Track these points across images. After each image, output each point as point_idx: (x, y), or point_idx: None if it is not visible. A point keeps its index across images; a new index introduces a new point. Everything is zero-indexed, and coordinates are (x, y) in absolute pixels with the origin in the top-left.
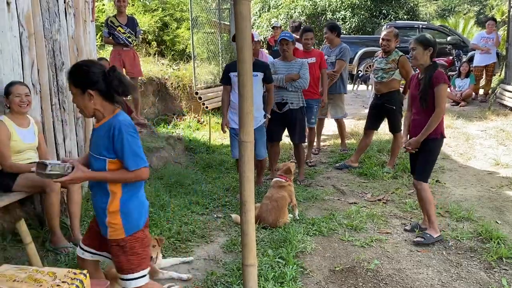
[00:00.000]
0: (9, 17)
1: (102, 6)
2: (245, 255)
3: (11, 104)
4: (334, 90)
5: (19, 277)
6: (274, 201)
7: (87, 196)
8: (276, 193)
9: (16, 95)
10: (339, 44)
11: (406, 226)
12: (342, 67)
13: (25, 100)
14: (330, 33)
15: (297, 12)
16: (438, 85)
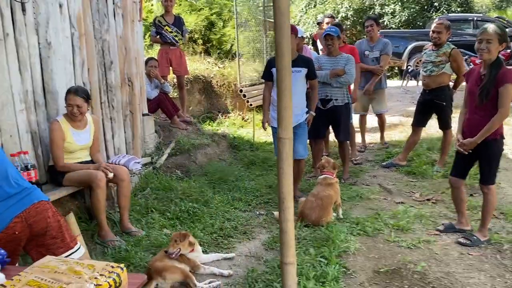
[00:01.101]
0: (61, 19)
1: (151, 6)
2: (283, 253)
3: (67, 109)
4: (379, 85)
5: (60, 268)
6: (319, 199)
7: (135, 191)
8: (322, 191)
9: (68, 105)
10: (380, 39)
11: (438, 226)
12: (388, 61)
13: (76, 111)
14: (376, 26)
15: (344, 7)
16: (505, 84)
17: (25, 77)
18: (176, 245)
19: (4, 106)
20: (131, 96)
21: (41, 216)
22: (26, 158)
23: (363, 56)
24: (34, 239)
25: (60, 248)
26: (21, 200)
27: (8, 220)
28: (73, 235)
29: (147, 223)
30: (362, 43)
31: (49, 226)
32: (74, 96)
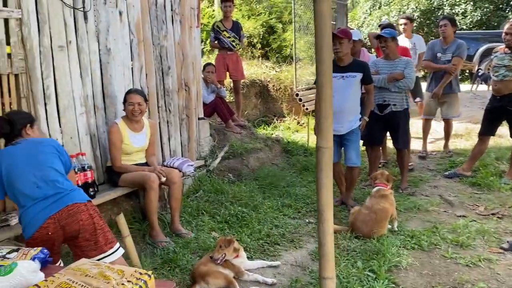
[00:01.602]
0: (121, 26)
1: (212, 11)
2: (322, 266)
3: (126, 110)
4: (451, 89)
5: (91, 272)
6: (373, 213)
7: (188, 193)
8: (376, 204)
9: (129, 103)
10: (454, 40)
11: (503, 244)
12: (461, 64)
13: (137, 109)
14: (451, 27)
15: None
16: None
17: (85, 82)
18: (221, 251)
19: (66, 109)
20: (188, 100)
21: (73, 218)
22: (84, 159)
23: (435, 58)
24: (70, 240)
25: (92, 251)
26: (56, 201)
27: (42, 221)
28: (110, 238)
29: (197, 225)
30: (436, 44)
31: (82, 229)
32: (135, 95)
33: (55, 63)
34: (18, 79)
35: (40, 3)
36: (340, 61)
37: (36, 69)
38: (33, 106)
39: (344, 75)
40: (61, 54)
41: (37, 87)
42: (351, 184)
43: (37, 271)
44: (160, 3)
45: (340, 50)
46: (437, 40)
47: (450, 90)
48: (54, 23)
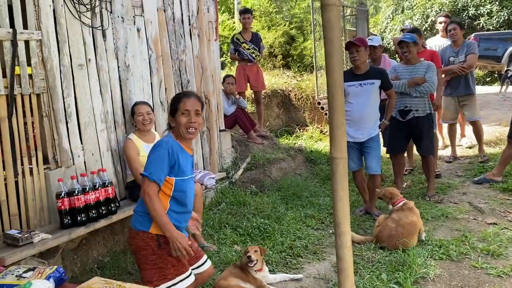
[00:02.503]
0: (139, 42)
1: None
2: (341, 281)
3: (136, 122)
4: (468, 90)
5: None
6: (400, 227)
7: (210, 206)
8: (404, 217)
9: (138, 114)
10: (464, 42)
11: None
12: (476, 61)
13: (147, 118)
14: (460, 30)
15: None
16: None
17: (105, 98)
18: (257, 255)
19: (87, 126)
20: (208, 113)
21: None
22: (104, 175)
23: (448, 63)
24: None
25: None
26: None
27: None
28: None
29: (219, 239)
30: (446, 50)
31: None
32: (142, 105)
33: (75, 81)
34: (39, 99)
35: (59, 24)
36: (357, 69)
37: (57, 88)
38: (55, 124)
39: (362, 82)
40: (81, 73)
41: (58, 105)
42: (374, 193)
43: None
44: (178, 18)
45: (358, 58)
46: (446, 46)
47: (469, 91)
48: (73, 43)
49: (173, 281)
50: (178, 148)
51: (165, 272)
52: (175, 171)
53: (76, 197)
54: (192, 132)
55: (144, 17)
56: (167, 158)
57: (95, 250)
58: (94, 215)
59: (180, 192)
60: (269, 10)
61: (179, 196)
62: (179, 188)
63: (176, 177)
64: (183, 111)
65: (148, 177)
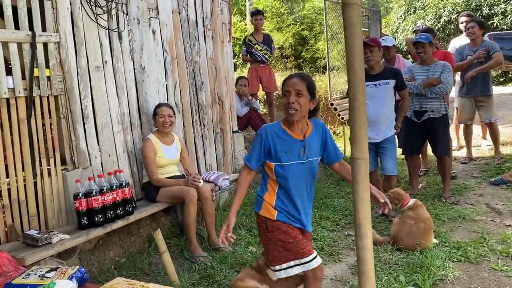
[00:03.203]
0: (154, 45)
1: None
2: (362, 284)
3: (157, 123)
4: (486, 91)
5: None
6: (421, 222)
7: (224, 207)
8: (423, 213)
9: (160, 116)
10: (483, 41)
11: None
12: (502, 58)
13: (167, 120)
14: (479, 29)
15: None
16: None
17: (122, 100)
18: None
19: (103, 128)
20: (222, 114)
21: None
22: (121, 176)
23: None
24: None
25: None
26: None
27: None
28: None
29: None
30: (464, 48)
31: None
32: (165, 108)
33: (92, 83)
34: (57, 100)
35: (77, 26)
36: (372, 69)
37: (74, 90)
38: (72, 125)
39: (376, 83)
40: (97, 74)
41: (75, 107)
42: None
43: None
44: (192, 20)
45: (372, 58)
46: (464, 45)
47: (486, 92)
48: (90, 45)
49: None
50: (277, 133)
51: (274, 254)
52: (272, 157)
53: (93, 198)
54: (292, 114)
55: (159, 19)
56: (260, 144)
57: (112, 250)
58: (111, 216)
59: (281, 178)
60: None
61: (282, 182)
62: (279, 174)
63: (275, 162)
64: (284, 93)
65: (244, 159)
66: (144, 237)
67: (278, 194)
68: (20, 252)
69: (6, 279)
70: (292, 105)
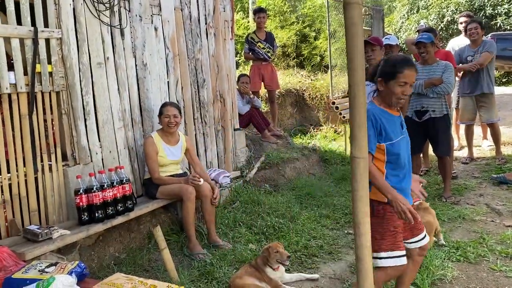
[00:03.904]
0: (156, 41)
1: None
2: (360, 283)
3: (162, 123)
4: (486, 89)
5: (124, 287)
6: None
7: (224, 205)
8: (423, 217)
9: (165, 116)
10: (483, 41)
11: None
12: (488, 59)
13: (173, 121)
14: (481, 30)
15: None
16: None
17: (123, 96)
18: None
19: (104, 124)
20: (223, 112)
21: None
22: (122, 172)
23: (466, 62)
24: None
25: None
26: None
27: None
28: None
29: (234, 237)
30: (464, 50)
31: None
32: (171, 107)
33: (94, 79)
34: (59, 96)
35: (79, 22)
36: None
37: (76, 86)
38: (74, 121)
39: None
40: (99, 71)
41: (77, 103)
42: None
43: (73, 285)
44: (195, 17)
45: (373, 57)
46: (465, 46)
47: (487, 90)
48: (92, 41)
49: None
50: (381, 114)
51: (379, 242)
52: (383, 137)
53: (94, 193)
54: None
55: (161, 16)
56: (372, 127)
57: (112, 246)
58: (112, 212)
59: (393, 155)
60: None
61: (393, 160)
62: (391, 152)
63: (385, 142)
64: (401, 83)
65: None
66: (144, 233)
67: (387, 176)
68: (21, 247)
69: (6, 273)
70: (406, 96)
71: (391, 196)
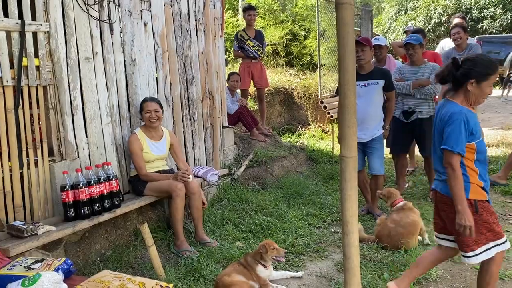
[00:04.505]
0: (145, 37)
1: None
2: (347, 280)
3: (143, 119)
4: None
5: (112, 284)
6: (401, 227)
7: (212, 202)
8: (405, 217)
9: (146, 111)
10: (468, 45)
11: None
12: None
13: (154, 116)
14: (464, 33)
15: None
16: None
17: (111, 92)
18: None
19: (92, 119)
20: (212, 109)
21: None
22: (109, 168)
23: None
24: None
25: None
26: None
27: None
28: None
29: (221, 235)
30: (450, 53)
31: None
32: (151, 102)
33: (82, 74)
34: (46, 91)
35: (68, 16)
36: (362, 68)
37: (63, 81)
38: (60, 116)
39: (366, 82)
40: (87, 66)
41: (64, 98)
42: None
43: (60, 282)
44: (184, 14)
45: (363, 58)
46: (451, 49)
47: None
48: (81, 36)
49: (486, 246)
50: (470, 114)
51: (480, 236)
52: (474, 136)
53: (80, 190)
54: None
55: (151, 12)
56: (464, 128)
57: (98, 243)
58: (98, 209)
59: (481, 153)
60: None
61: (482, 157)
62: (480, 150)
63: (476, 140)
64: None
65: (451, 150)
66: (131, 230)
67: (480, 174)
68: (5, 243)
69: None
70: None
71: (462, 209)
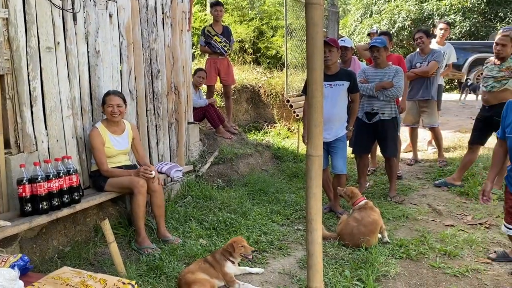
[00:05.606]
0: (110, 28)
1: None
2: (310, 277)
3: (105, 112)
4: (427, 95)
5: (72, 281)
6: (363, 226)
7: (175, 199)
8: (367, 217)
9: (108, 105)
10: (431, 50)
11: (490, 254)
12: (435, 68)
13: (116, 111)
14: (427, 38)
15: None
16: None
17: (73, 84)
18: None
19: (52, 111)
20: (177, 105)
21: None
22: (69, 162)
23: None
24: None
25: None
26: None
27: None
28: None
29: (184, 232)
30: (414, 57)
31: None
32: (114, 96)
33: (43, 64)
34: (3, 80)
35: (28, 3)
36: (328, 69)
37: (22, 70)
38: (18, 107)
39: (331, 83)
40: (48, 56)
41: (23, 88)
42: (337, 196)
43: (16, 279)
44: (151, 6)
45: (330, 59)
46: (415, 53)
47: (428, 96)
48: (42, 24)
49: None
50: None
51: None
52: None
53: (38, 184)
54: None
55: (117, 3)
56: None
57: (56, 239)
58: (57, 204)
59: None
60: (241, 4)
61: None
62: (510, 145)
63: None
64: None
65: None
66: (91, 226)
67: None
68: None
69: None
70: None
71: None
